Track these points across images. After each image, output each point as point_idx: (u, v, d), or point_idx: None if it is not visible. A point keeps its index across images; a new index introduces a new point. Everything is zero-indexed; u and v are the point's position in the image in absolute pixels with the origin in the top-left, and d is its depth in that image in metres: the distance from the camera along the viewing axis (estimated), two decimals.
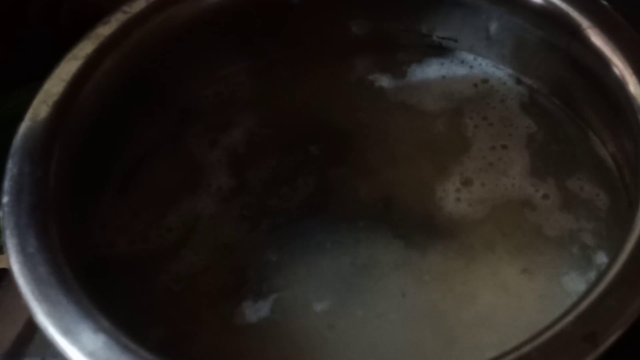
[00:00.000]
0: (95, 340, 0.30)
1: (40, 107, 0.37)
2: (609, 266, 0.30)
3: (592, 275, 0.36)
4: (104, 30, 0.39)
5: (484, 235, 0.37)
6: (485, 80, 0.43)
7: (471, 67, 0.44)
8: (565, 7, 0.38)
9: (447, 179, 0.39)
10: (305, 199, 0.39)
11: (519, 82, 0.43)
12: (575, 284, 0.36)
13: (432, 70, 0.44)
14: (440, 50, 0.44)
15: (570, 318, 0.29)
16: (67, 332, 0.30)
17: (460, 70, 0.44)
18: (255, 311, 0.36)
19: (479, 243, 0.37)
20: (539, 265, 0.36)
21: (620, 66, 0.36)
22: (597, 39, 0.37)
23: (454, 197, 0.39)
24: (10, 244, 0.33)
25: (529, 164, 0.40)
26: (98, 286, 0.33)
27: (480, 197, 0.39)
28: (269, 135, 0.42)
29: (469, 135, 0.41)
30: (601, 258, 0.36)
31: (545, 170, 0.39)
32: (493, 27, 0.42)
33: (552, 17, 0.39)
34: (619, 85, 0.36)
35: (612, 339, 0.28)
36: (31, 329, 0.38)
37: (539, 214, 0.38)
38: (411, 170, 0.40)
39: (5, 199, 0.34)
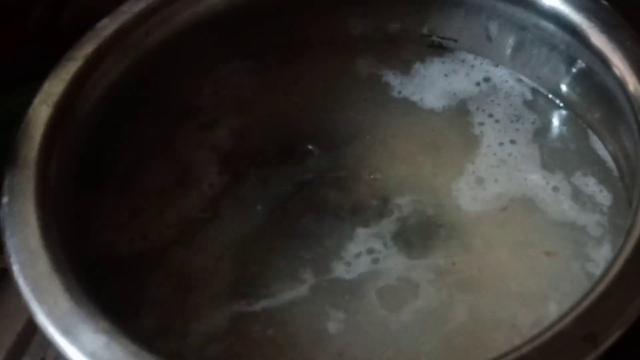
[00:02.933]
0: (95, 340, 0.30)
1: (40, 107, 0.37)
2: (609, 266, 0.30)
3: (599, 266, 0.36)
4: (104, 30, 0.39)
5: (498, 230, 0.38)
6: (487, 79, 0.43)
7: (472, 66, 0.44)
8: (565, 7, 0.38)
9: (461, 176, 0.40)
10: (304, 199, 0.39)
11: (519, 81, 0.43)
12: (585, 277, 0.36)
13: (434, 69, 0.44)
14: (441, 50, 0.44)
15: (570, 318, 0.29)
16: (67, 332, 0.30)
17: (462, 70, 0.44)
18: (251, 308, 0.36)
19: (494, 238, 0.37)
20: (552, 258, 0.36)
21: (620, 66, 0.36)
22: (597, 39, 0.37)
23: (469, 195, 0.39)
24: (10, 244, 0.33)
25: (539, 158, 0.40)
26: (98, 286, 0.33)
27: (495, 192, 0.39)
28: (268, 135, 0.42)
29: (476, 133, 0.41)
30: (607, 250, 0.37)
31: (553, 164, 0.40)
32: (493, 27, 0.42)
33: (552, 17, 0.39)
34: (619, 85, 0.36)
35: (612, 339, 0.28)
36: (31, 329, 0.38)
37: (550, 206, 0.38)
38: (419, 168, 0.40)
39: (5, 199, 0.34)
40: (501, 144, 0.41)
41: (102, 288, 0.33)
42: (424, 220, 0.38)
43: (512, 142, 0.41)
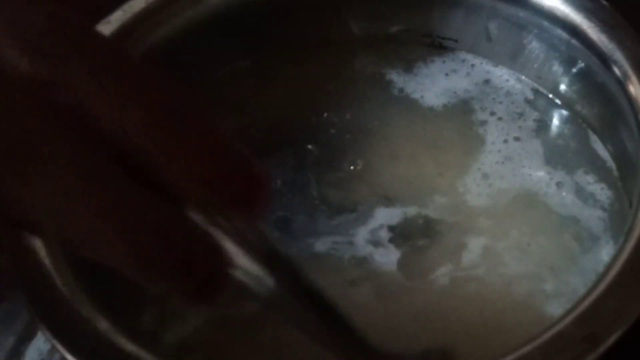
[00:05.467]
0: (95, 340, 0.30)
1: None
2: (609, 266, 0.30)
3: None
4: (104, 30, 0.39)
5: (504, 225, 0.38)
6: (487, 80, 0.43)
7: (472, 65, 0.44)
8: (565, 7, 0.38)
9: (466, 173, 0.40)
10: (304, 199, 0.39)
11: (520, 80, 0.43)
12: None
13: (435, 69, 0.44)
14: (441, 50, 0.44)
15: (570, 318, 0.29)
16: (67, 332, 0.30)
17: (463, 69, 0.44)
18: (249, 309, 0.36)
19: (501, 232, 0.38)
20: (558, 256, 0.37)
21: (620, 66, 0.36)
22: (597, 39, 0.37)
23: (475, 192, 0.39)
24: (10, 244, 0.33)
25: (542, 154, 0.40)
26: (98, 286, 0.33)
27: (500, 188, 0.39)
28: (268, 135, 0.42)
29: (480, 131, 0.41)
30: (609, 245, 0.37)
31: (555, 160, 0.40)
32: (493, 27, 0.42)
33: (552, 17, 0.39)
34: (619, 85, 0.36)
35: (612, 339, 0.28)
36: (31, 329, 0.38)
37: (554, 201, 0.38)
38: (424, 166, 0.40)
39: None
40: (505, 141, 0.41)
41: (102, 288, 0.33)
42: (429, 217, 0.38)
43: (516, 139, 0.41)
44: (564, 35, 0.39)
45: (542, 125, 0.41)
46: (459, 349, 0.34)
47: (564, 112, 0.41)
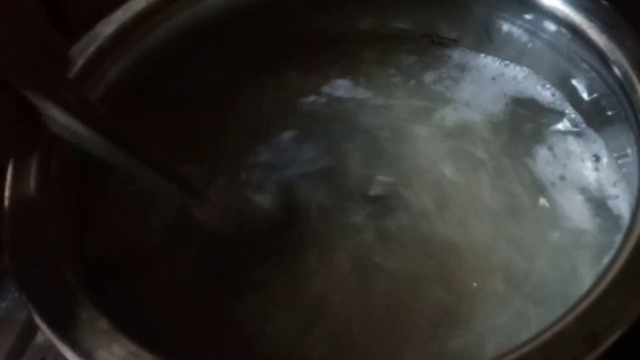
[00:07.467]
0: (95, 340, 0.30)
1: None
2: (609, 266, 0.30)
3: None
4: (104, 30, 0.39)
5: None
6: (495, 76, 0.43)
7: (474, 65, 0.43)
8: (565, 7, 0.38)
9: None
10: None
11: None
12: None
13: (435, 68, 0.44)
14: (441, 50, 0.44)
15: (570, 318, 0.29)
16: (67, 332, 0.30)
17: (464, 69, 0.44)
18: (243, 311, 0.36)
19: None
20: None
21: (620, 66, 0.36)
22: (597, 39, 0.37)
23: None
24: (11, 245, 0.33)
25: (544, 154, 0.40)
26: (98, 286, 0.33)
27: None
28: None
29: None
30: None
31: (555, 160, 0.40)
32: (494, 27, 0.42)
33: (552, 17, 0.39)
34: (619, 85, 0.36)
35: (612, 339, 0.28)
36: (31, 329, 0.38)
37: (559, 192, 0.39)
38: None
39: (5, 200, 0.34)
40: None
41: (102, 288, 0.33)
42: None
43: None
44: (565, 35, 0.39)
45: (541, 126, 0.41)
46: None
47: (564, 112, 0.41)
